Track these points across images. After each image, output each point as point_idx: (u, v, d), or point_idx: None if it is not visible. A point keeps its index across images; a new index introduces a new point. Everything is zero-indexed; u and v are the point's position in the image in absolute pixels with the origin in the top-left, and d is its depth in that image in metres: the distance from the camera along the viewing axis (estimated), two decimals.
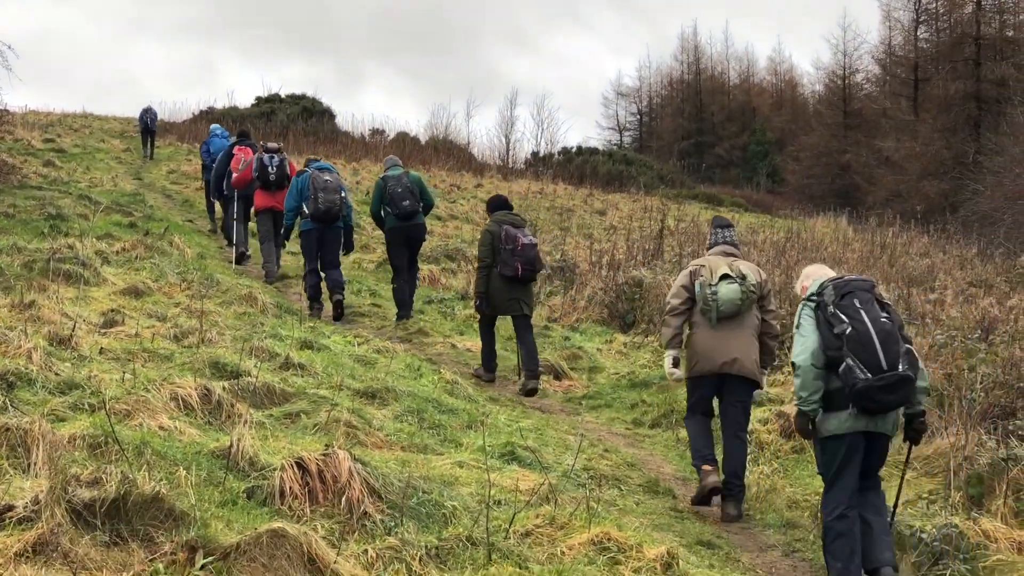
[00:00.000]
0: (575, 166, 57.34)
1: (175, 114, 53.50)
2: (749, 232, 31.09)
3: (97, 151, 35.97)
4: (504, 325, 13.81)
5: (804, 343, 7.33)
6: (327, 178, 15.38)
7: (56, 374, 8.25)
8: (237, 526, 5.70)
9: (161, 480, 5.80)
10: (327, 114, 57.21)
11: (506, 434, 9.65)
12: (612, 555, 6.16)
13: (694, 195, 53.80)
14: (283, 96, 58.28)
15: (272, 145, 17.96)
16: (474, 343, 14.37)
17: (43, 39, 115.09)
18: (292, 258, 20.15)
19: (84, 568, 4.97)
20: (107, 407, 6.97)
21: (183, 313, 12.33)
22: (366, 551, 5.67)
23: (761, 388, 9.57)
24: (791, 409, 10.59)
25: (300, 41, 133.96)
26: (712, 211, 43.46)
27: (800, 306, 7.65)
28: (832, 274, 7.88)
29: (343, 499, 6.32)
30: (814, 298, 7.53)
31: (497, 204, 13.75)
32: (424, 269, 19.76)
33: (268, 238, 17.92)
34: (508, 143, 71.26)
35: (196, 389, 8.22)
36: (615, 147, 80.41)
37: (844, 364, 7.03)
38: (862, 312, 7.18)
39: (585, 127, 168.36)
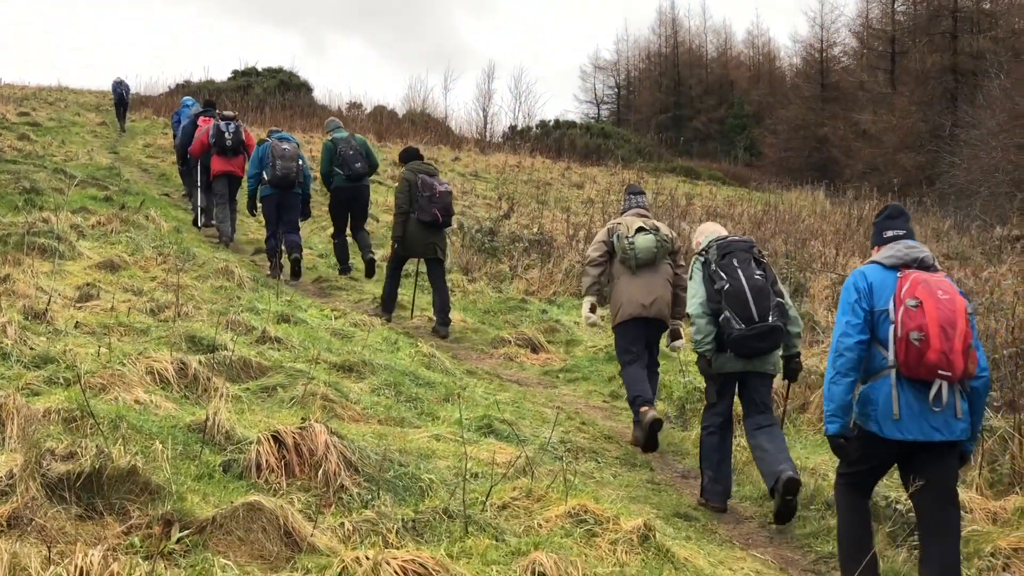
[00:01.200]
0: (553, 139, 57.27)
1: (151, 88, 53.31)
2: (727, 205, 31.13)
3: (72, 125, 35.74)
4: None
5: (696, 295, 8.43)
6: (285, 147, 16.24)
7: (31, 348, 8.22)
8: (213, 500, 5.69)
9: (136, 454, 5.78)
10: (304, 88, 57.00)
11: (483, 407, 9.66)
12: (589, 527, 6.16)
13: (672, 168, 53.78)
14: (260, 69, 58.03)
15: (228, 113, 18.89)
16: (452, 316, 14.36)
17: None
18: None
19: (59, 542, 4.95)
20: (82, 381, 6.95)
21: (159, 287, 12.29)
22: (343, 524, 5.66)
23: (680, 338, 10.60)
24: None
25: (266, 9, 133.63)
26: (690, 184, 43.56)
27: (693, 260, 8.74)
28: (723, 233, 8.94)
29: (320, 472, 6.32)
30: (702, 254, 8.64)
31: (410, 155, 14.63)
32: None
33: (224, 201, 18.69)
34: (486, 116, 71.33)
35: (172, 363, 8.19)
36: (593, 120, 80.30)
37: (723, 315, 8.15)
38: (738, 271, 8.25)
39: (562, 100, 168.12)
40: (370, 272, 16.67)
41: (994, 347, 10.44)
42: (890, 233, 6.85)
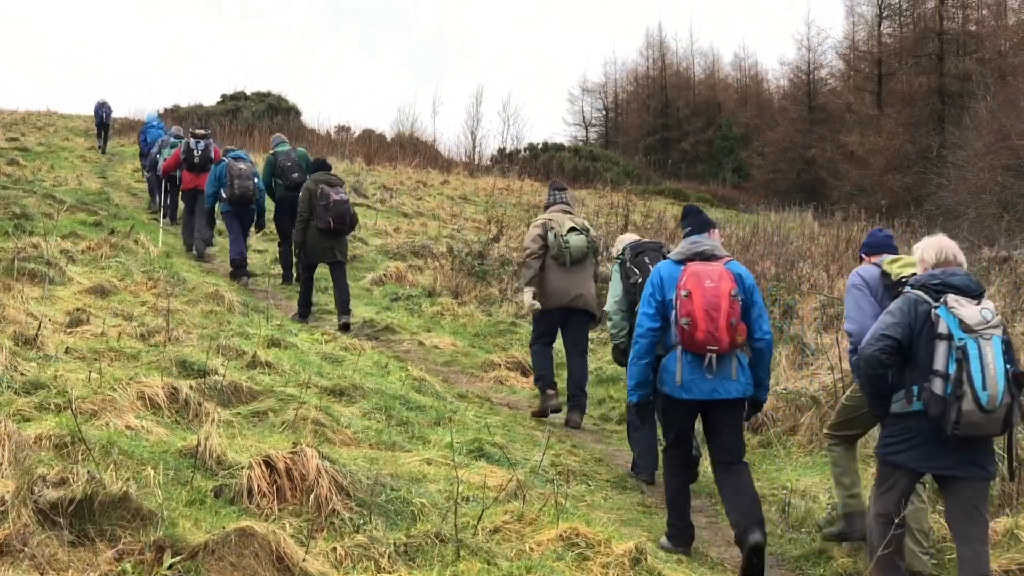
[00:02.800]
0: (541, 162, 57.36)
1: (140, 112, 53.15)
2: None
3: (62, 149, 35.75)
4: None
5: (613, 293, 9.81)
6: (242, 166, 17.54)
7: (22, 374, 8.20)
8: (205, 525, 5.69)
9: (128, 480, 5.77)
10: (293, 111, 57.08)
11: (474, 431, 9.67)
12: (581, 551, 6.18)
13: (660, 191, 53.86)
14: (248, 94, 58.11)
15: (199, 132, 20.00)
16: (441, 339, 14.44)
17: None
18: (257, 256, 20.17)
19: (51, 568, 4.96)
20: (73, 407, 6.94)
21: (149, 312, 12.27)
22: (335, 549, 5.67)
23: (597, 322, 12.34)
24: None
25: (255, 22, 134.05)
26: (679, 207, 43.58)
27: (613, 266, 10.13)
28: (637, 238, 10.44)
29: (311, 497, 6.32)
30: (619, 257, 10.15)
31: (317, 165, 15.80)
32: (391, 265, 19.80)
33: (189, 211, 20.07)
34: (474, 140, 71.26)
35: (163, 388, 8.19)
36: (581, 143, 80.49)
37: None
38: (650, 266, 9.32)
39: (551, 123, 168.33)
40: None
41: None
42: (686, 231, 8.09)
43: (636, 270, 9.79)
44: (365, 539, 5.83)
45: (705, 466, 10.06)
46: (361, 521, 6.21)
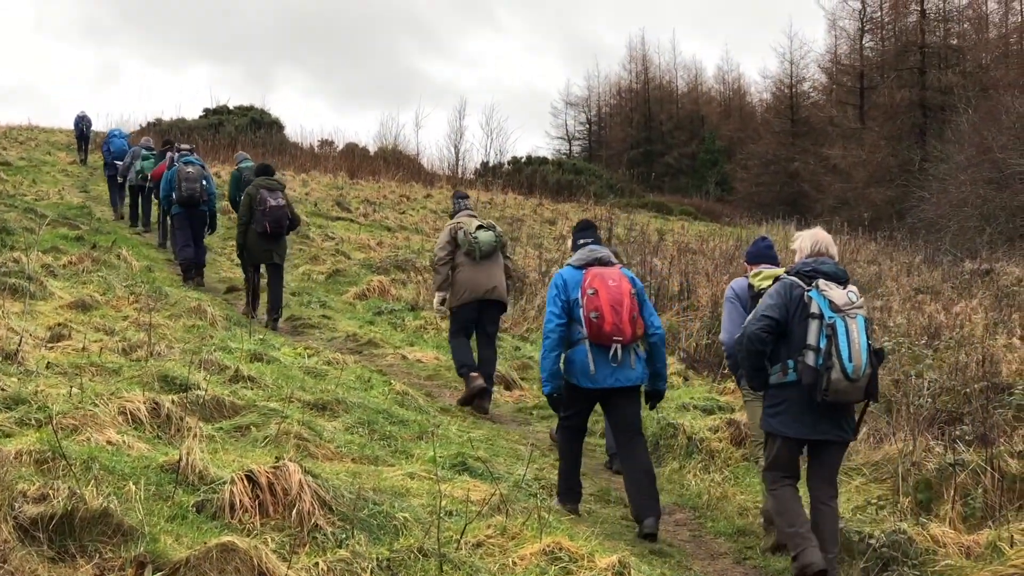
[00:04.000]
0: (525, 176, 57.32)
1: (122, 126, 53.12)
2: (699, 241, 31.21)
3: (43, 164, 35.68)
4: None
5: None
6: (190, 170, 18.16)
7: (2, 389, 8.15)
8: (187, 541, 5.66)
9: (109, 495, 5.74)
10: (275, 125, 57.01)
11: (457, 445, 9.65)
12: (564, 564, 6.16)
13: (644, 204, 53.96)
14: (231, 108, 58.04)
15: (185, 146, 19.95)
16: (424, 353, 14.44)
17: None
18: (239, 270, 20.12)
19: None
20: (54, 422, 6.92)
21: (131, 326, 12.24)
22: (317, 564, 5.64)
23: (506, 309, 13.47)
24: (742, 417, 10.72)
25: (206, 43, 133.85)
26: (662, 220, 43.68)
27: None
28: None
29: (294, 512, 6.29)
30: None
31: (259, 171, 16.43)
32: (374, 280, 19.81)
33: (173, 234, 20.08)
34: (458, 153, 71.32)
35: (145, 403, 8.15)
36: (564, 156, 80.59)
37: None
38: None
39: (534, 137, 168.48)
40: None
41: (965, 381, 10.49)
42: (581, 241, 9.12)
43: None
44: (348, 554, 5.81)
45: (689, 479, 10.08)
46: (344, 536, 6.19)
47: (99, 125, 45.04)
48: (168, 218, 20.60)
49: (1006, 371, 11.34)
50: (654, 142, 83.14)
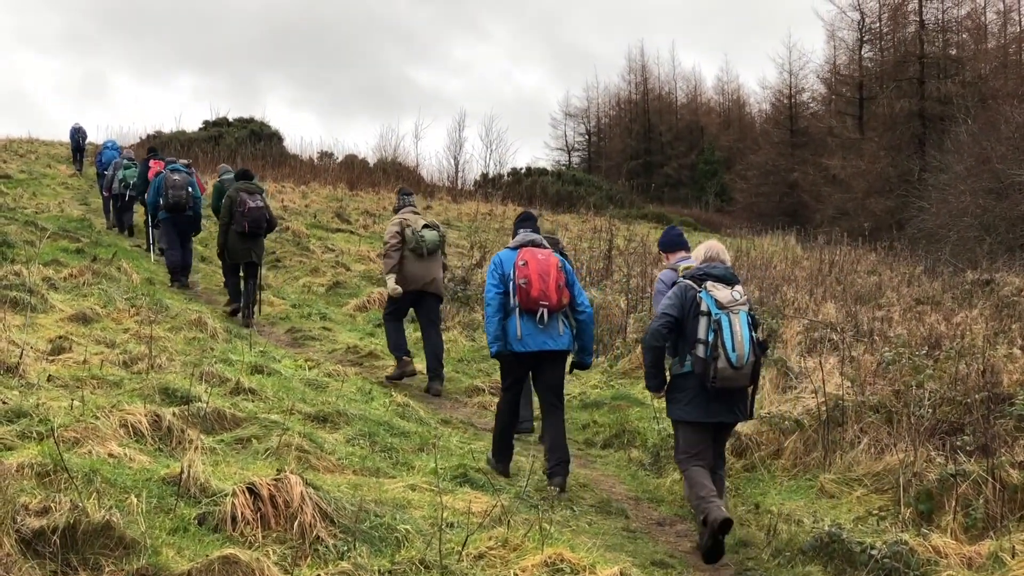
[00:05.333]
0: (524, 187, 57.28)
1: (122, 138, 53.11)
2: None
3: (44, 176, 35.66)
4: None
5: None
6: (176, 177, 19.11)
7: (3, 402, 8.16)
8: (189, 553, 5.66)
9: (111, 508, 5.75)
10: (275, 137, 57.01)
11: (458, 456, 9.66)
12: None
13: (643, 215, 53.96)
14: (231, 120, 58.06)
15: (182, 162, 20.98)
16: (424, 366, 14.40)
17: None
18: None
19: None
20: (56, 435, 6.91)
21: (132, 339, 12.24)
22: None
23: (443, 300, 15.04)
24: (742, 428, 10.72)
25: (191, 53, 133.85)
26: (662, 230, 43.62)
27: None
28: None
29: (295, 524, 6.30)
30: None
31: (240, 175, 17.51)
32: (374, 291, 19.82)
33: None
34: (457, 165, 71.17)
35: (146, 415, 8.16)
36: (564, 167, 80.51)
37: None
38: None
39: (533, 148, 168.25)
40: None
41: (965, 391, 10.48)
42: (521, 230, 10.31)
43: None
44: (349, 566, 5.81)
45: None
46: (345, 548, 6.19)
47: (99, 137, 45.10)
48: (152, 226, 21.57)
49: (1007, 381, 11.31)
50: (653, 153, 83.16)
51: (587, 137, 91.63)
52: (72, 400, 8.33)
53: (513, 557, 6.49)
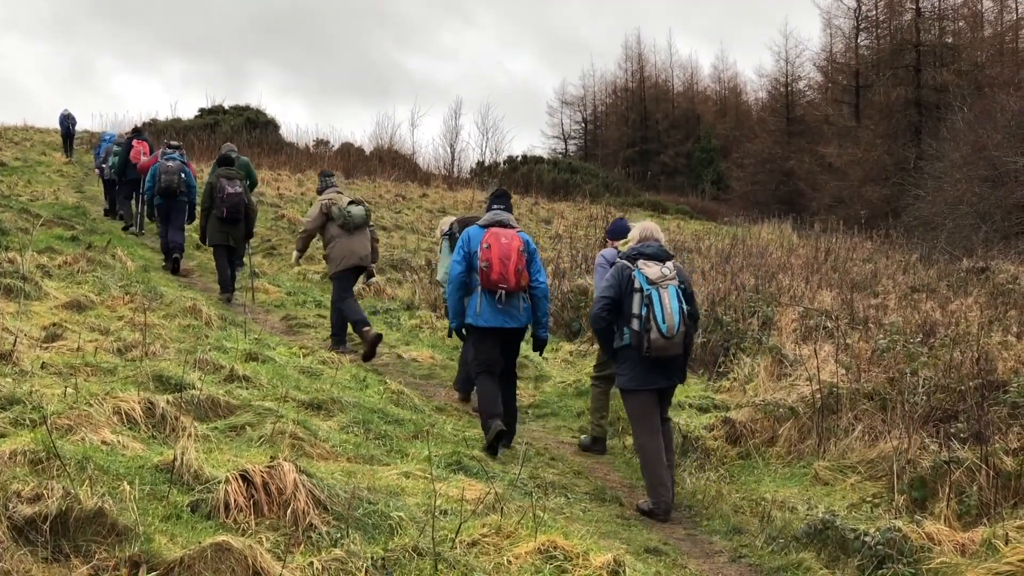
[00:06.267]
0: (520, 175, 57.34)
1: (117, 126, 52.99)
2: (695, 239, 31.19)
3: (38, 164, 35.65)
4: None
5: (443, 263, 12.36)
6: (169, 164, 19.55)
7: None
8: (181, 540, 5.65)
9: (104, 495, 5.73)
10: (271, 125, 57.01)
11: (452, 444, 9.66)
12: (559, 563, 6.15)
13: (639, 203, 53.98)
14: (226, 107, 58.04)
15: (173, 143, 21.32)
16: (419, 352, 14.45)
17: None
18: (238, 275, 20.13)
19: None
20: (48, 422, 6.90)
21: (126, 326, 12.22)
22: (312, 563, 5.64)
23: (374, 276, 16.29)
24: (737, 415, 10.74)
25: (179, 39, 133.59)
26: (658, 219, 43.64)
27: (440, 240, 12.97)
28: (456, 217, 12.98)
29: (288, 511, 6.29)
30: (447, 234, 12.78)
31: (220, 161, 18.42)
32: (371, 280, 19.82)
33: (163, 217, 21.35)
34: (453, 153, 71.25)
35: (140, 403, 8.14)
36: (560, 155, 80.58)
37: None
38: None
39: (530, 136, 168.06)
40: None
41: (960, 378, 10.48)
42: (495, 206, 10.84)
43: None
44: (343, 553, 5.80)
45: (684, 477, 10.08)
46: (339, 535, 6.18)
47: (95, 125, 45.14)
48: (147, 209, 22.23)
49: (1001, 368, 11.32)
50: (650, 141, 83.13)
51: (583, 125, 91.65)
52: (65, 387, 8.31)
53: (507, 544, 6.48)
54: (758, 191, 67.05)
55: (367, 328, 14.08)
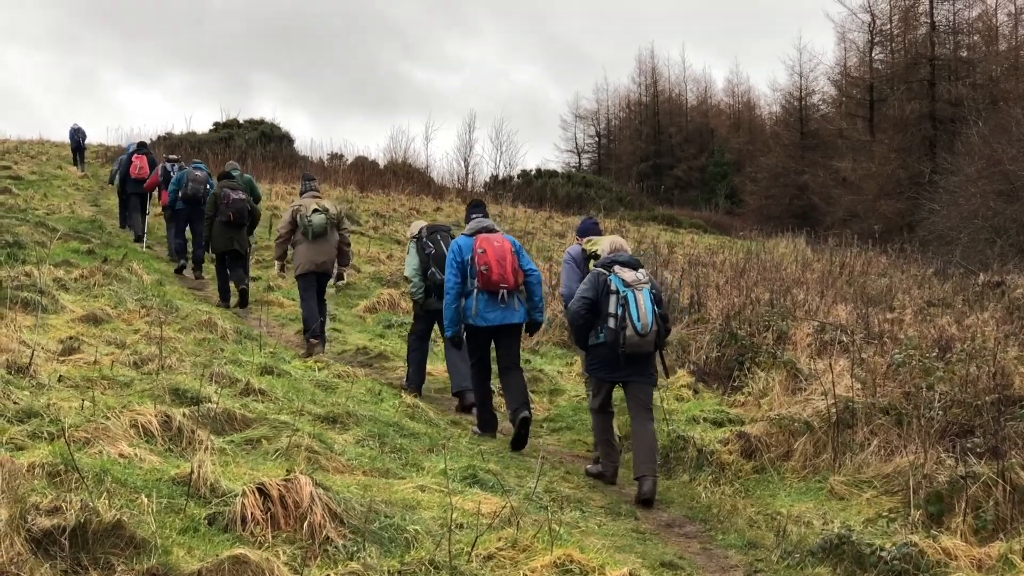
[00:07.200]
0: (534, 189, 57.37)
1: (133, 139, 53.10)
2: (708, 253, 31.15)
3: (54, 178, 35.78)
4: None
5: (410, 263, 13.30)
6: (197, 173, 21.09)
7: (14, 402, 8.18)
8: (199, 553, 5.67)
9: (122, 508, 5.76)
10: (286, 139, 57.12)
11: (468, 457, 9.66)
12: None
13: (653, 217, 53.98)
14: (241, 121, 58.17)
15: (172, 157, 23.75)
16: (433, 367, 14.41)
17: None
18: (252, 284, 20.19)
19: None
20: (66, 435, 6.93)
21: (142, 340, 12.26)
22: None
23: (343, 279, 16.95)
24: (752, 429, 10.73)
25: (181, 51, 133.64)
26: (672, 233, 43.65)
27: (408, 243, 14.04)
28: (427, 223, 13.83)
29: (305, 524, 6.30)
30: (416, 237, 13.41)
31: (222, 175, 19.28)
32: (384, 293, 19.86)
33: (171, 224, 22.79)
34: (467, 166, 71.33)
35: (156, 416, 8.17)
36: (574, 169, 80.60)
37: (430, 271, 12.87)
38: (441, 243, 12.91)
39: (543, 150, 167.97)
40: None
41: (976, 393, 10.46)
42: (473, 216, 11.84)
43: (430, 244, 13.04)
44: (359, 566, 5.82)
45: (699, 491, 10.08)
46: (355, 548, 6.19)
47: (110, 139, 45.33)
48: (169, 225, 22.92)
49: (1018, 383, 11.27)
50: (663, 155, 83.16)
51: (597, 139, 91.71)
52: (83, 400, 8.35)
53: (523, 558, 6.48)
54: (772, 205, 66.97)
55: (314, 339, 14.88)
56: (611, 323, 9.94)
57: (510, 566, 6.38)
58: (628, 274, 10.08)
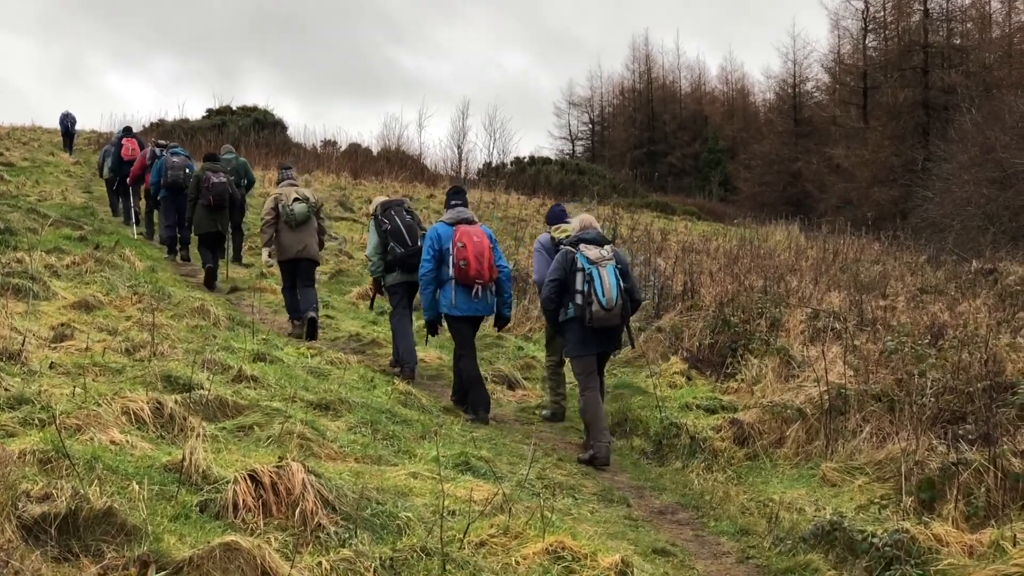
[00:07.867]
0: (528, 176, 57.39)
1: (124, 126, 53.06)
2: (702, 240, 31.14)
3: (46, 164, 35.69)
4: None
5: (370, 241, 13.60)
6: (175, 159, 20.77)
7: (5, 389, 8.15)
8: (190, 540, 5.66)
9: (113, 495, 5.75)
10: (279, 126, 57.04)
11: (460, 444, 9.66)
12: (567, 564, 6.16)
13: (647, 204, 53.90)
14: (234, 108, 58.07)
15: (162, 142, 23.25)
16: (426, 353, 14.40)
17: None
18: (243, 270, 20.18)
19: None
20: (57, 422, 6.91)
21: (134, 326, 12.23)
22: (320, 563, 5.64)
23: (319, 263, 16.48)
24: (744, 416, 10.74)
25: (168, 36, 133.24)
26: (665, 220, 43.63)
27: (370, 222, 13.99)
28: (385, 199, 14.09)
29: (297, 511, 6.30)
30: (374, 214, 13.60)
31: (207, 157, 19.92)
32: None
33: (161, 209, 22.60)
34: (461, 153, 71.19)
35: (148, 403, 8.15)
36: (567, 156, 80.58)
37: (389, 245, 13.18)
38: (396, 217, 13.25)
39: (537, 137, 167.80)
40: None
41: (968, 380, 10.46)
42: (453, 203, 12.23)
43: (385, 220, 13.28)
44: (351, 553, 5.81)
45: (691, 478, 10.08)
46: (347, 535, 6.19)
47: (103, 126, 45.28)
48: (154, 210, 23.21)
49: (1010, 370, 11.28)
50: (657, 142, 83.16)
51: (591, 126, 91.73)
52: (74, 387, 8.33)
53: (514, 545, 6.48)
54: (765, 192, 67.04)
55: (298, 322, 15.31)
56: (578, 299, 10.52)
57: (502, 553, 6.38)
58: (592, 251, 10.62)
